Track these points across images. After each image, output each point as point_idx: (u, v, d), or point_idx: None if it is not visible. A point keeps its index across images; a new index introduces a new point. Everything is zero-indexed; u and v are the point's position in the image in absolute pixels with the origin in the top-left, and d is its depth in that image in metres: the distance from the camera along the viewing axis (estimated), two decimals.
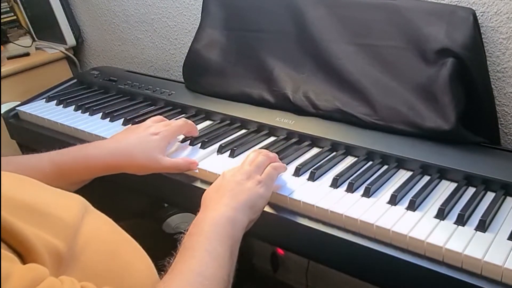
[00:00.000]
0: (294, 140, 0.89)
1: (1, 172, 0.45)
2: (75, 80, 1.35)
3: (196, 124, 0.99)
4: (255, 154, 0.73)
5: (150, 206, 1.40)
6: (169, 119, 1.02)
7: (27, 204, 0.44)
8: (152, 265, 0.55)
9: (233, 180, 0.66)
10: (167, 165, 0.79)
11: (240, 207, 0.62)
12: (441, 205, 0.65)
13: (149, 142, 0.78)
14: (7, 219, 0.39)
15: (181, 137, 0.92)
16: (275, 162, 0.73)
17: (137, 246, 0.56)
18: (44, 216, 0.45)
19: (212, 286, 0.50)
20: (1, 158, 0.73)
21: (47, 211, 0.46)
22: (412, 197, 0.68)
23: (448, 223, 0.63)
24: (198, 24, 1.13)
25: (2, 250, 0.38)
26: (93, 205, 0.57)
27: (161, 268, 0.54)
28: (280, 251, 1.34)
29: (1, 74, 1.44)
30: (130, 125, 1.01)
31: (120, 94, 1.21)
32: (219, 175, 0.79)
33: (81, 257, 0.46)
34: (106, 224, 0.55)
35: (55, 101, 1.20)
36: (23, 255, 0.40)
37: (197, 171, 0.82)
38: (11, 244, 0.39)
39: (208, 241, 0.55)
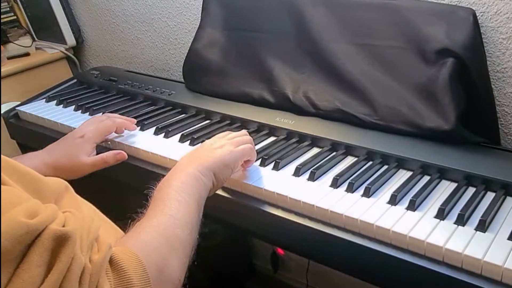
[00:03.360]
0: (294, 140, 0.89)
1: None
2: (75, 80, 1.35)
3: (196, 124, 1.00)
4: (241, 134, 0.78)
5: None
6: (170, 119, 1.03)
7: (24, 171, 0.46)
8: None
9: (206, 147, 0.72)
10: (91, 162, 0.82)
11: (205, 171, 0.67)
12: (441, 205, 0.65)
13: (73, 146, 0.83)
14: (8, 181, 0.41)
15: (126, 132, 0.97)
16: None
17: (116, 228, 0.59)
18: (33, 179, 0.47)
19: (183, 225, 0.56)
20: None
21: (35, 176, 0.48)
22: (412, 197, 0.68)
23: (448, 223, 0.63)
24: (198, 24, 1.13)
25: None
26: (92, 204, 0.58)
27: None
28: (280, 250, 1.34)
29: (1, 74, 1.44)
30: None
31: (120, 94, 1.21)
32: None
33: None
34: (85, 203, 0.58)
35: (55, 101, 1.20)
36: None
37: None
38: None
39: (178, 192, 0.61)
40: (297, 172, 0.78)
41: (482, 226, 0.62)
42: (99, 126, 0.88)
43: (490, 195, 0.69)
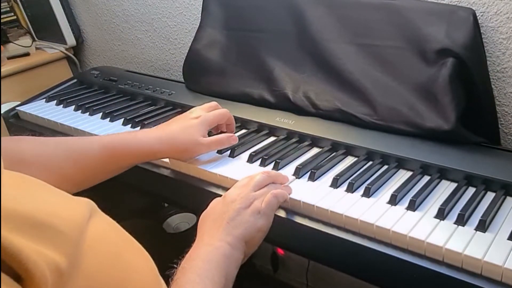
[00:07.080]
0: (294, 140, 0.89)
1: (6, 170, 0.44)
2: (75, 80, 1.35)
3: None
4: (263, 177, 0.69)
5: (150, 206, 1.40)
6: (170, 119, 1.03)
7: (29, 216, 0.41)
8: (154, 264, 0.55)
9: (232, 208, 0.63)
10: (207, 142, 0.80)
11: (236, 243, 0.61)
12: (441, 205, 0.65)
13: (189, 126, 0.80)
14: (7, 237, 0.37)
15: None
16: (277, 190, 0.69)
17: (139, 246, 0.56)
18: (46, 229, 0.42)
19: None
20: (53, 137, 0.75)
21: (49, 223, 0.43)
22: (412, 197, 0.68)
23: (448, 223, 0.63)
24: (198, 24, 1.13)
25: (2, 275, 0.35)
26: None
27: (162, 267, 0.54)
28: (280, 251, 1.34)
29: (1, 74, 1.44)
30: (130, 125, 1.01)
31: (120, 94, 1.21)
32: (219, 175, 0.79)
33: (84, 261, 0.45)
34: (110, 225, 0.54)
35: (55, 101, 1.20)
36: (23, 277, 0.37)
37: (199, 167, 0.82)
38: (11, 265, 0.36)
39: (200, 278, 0.54)
40: (297, 172, 0.78)
41: (482, 226, 0.61)
42: (215, 113, 0.84)
43: (490, 195, 0.69)
